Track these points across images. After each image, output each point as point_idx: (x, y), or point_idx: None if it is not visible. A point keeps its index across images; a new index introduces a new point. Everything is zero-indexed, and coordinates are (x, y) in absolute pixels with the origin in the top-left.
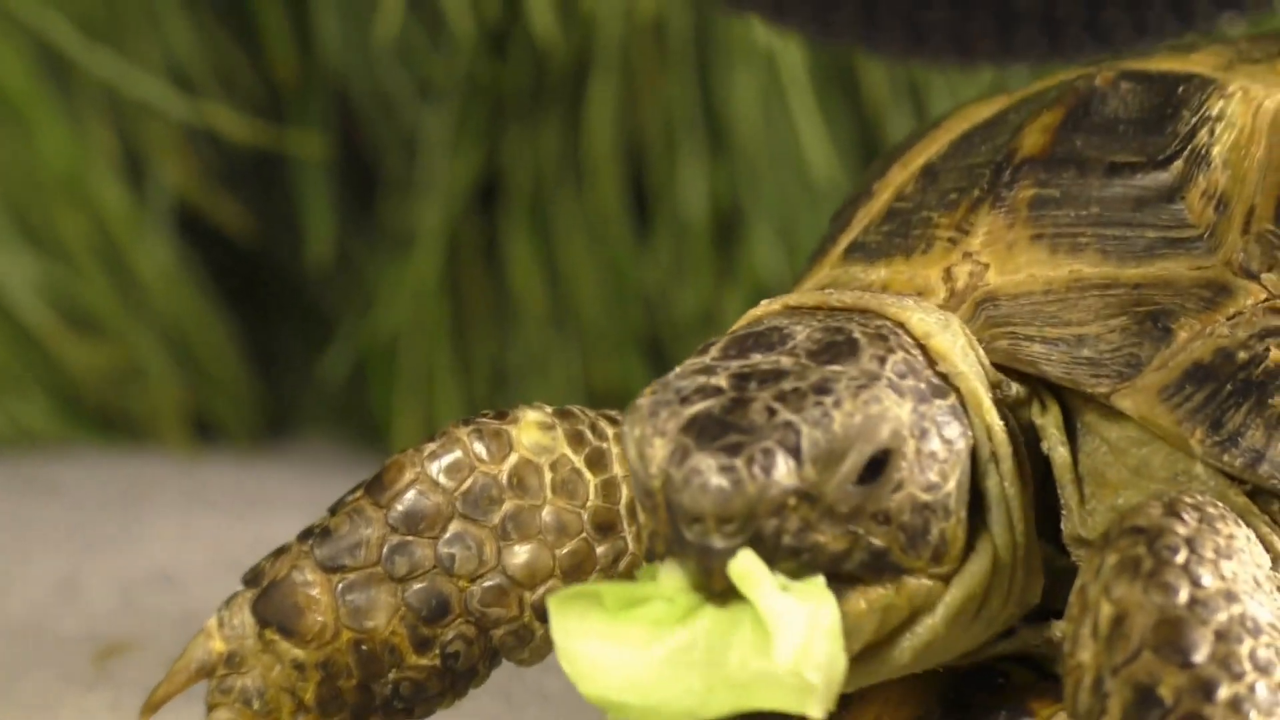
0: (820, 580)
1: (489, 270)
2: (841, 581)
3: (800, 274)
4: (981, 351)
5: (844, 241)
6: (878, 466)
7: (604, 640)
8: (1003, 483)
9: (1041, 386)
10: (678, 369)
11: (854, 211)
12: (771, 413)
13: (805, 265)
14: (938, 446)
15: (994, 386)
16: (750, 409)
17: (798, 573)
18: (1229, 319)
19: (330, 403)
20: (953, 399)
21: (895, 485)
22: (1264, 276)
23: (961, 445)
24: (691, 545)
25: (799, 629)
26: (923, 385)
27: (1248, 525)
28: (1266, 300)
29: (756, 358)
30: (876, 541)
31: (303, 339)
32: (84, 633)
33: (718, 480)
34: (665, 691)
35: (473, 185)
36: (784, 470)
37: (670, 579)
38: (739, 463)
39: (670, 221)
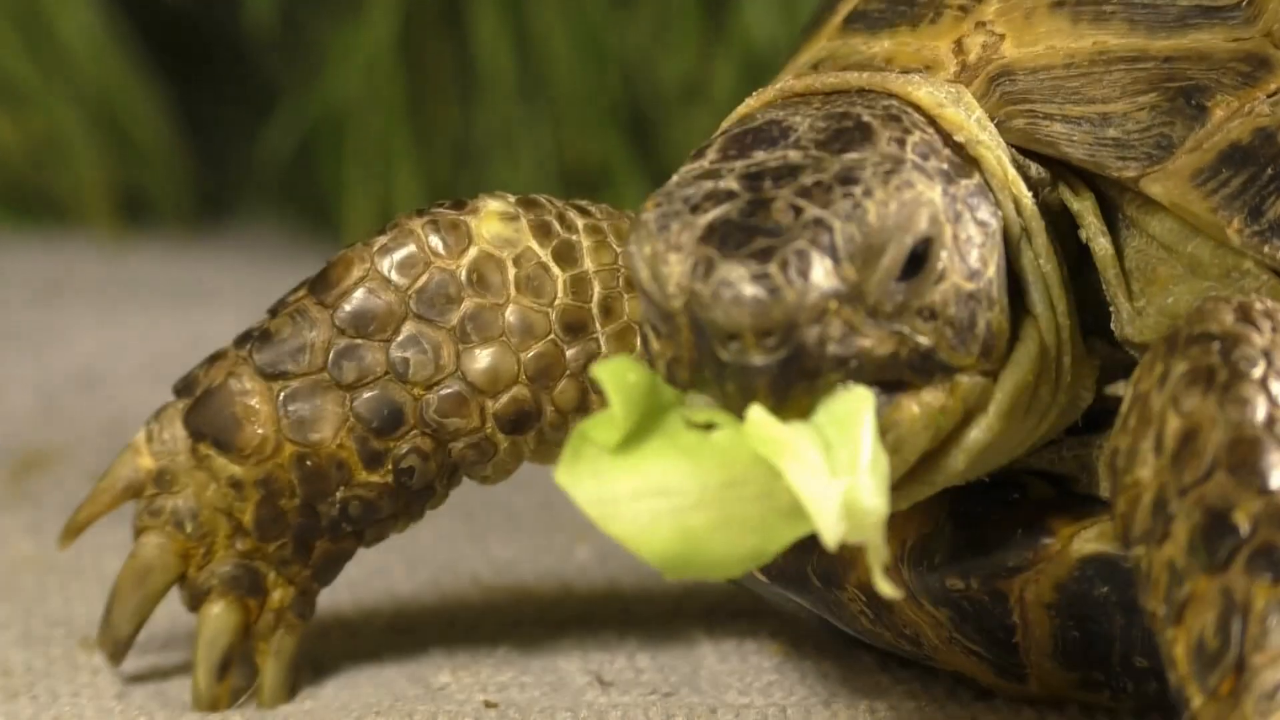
0: (861, 391)
1: (451, 35)
2: (890, 388)
3: (794, 47)
4: (995, 130)
5: (843, 10)
6: (919, 258)
7: (644, 488)
8: (1038, 259)
9: (1071, 174)
10: (675, 177)
11: None
12: (797, 210)
13: (799, 37)
14: (974, 230)
15: (1017, 164)
16: (773, 209)
17: (843, 382)
18: (1269, 96)
19: (273, 182)
20: (977, 177)
21: (938, 276)
22: None
23: (994, 225)
24: (729, 366)
25: (834, 508)
26: (945, 165)
27: None
28: None
29: (760, 155)
30: (923, 340)
31: (243, 112)
32: (1, 441)
33: (752, 290)
34: (724, 536)
35: None
36: (822, 272)
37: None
38: (772, 268)
39: None
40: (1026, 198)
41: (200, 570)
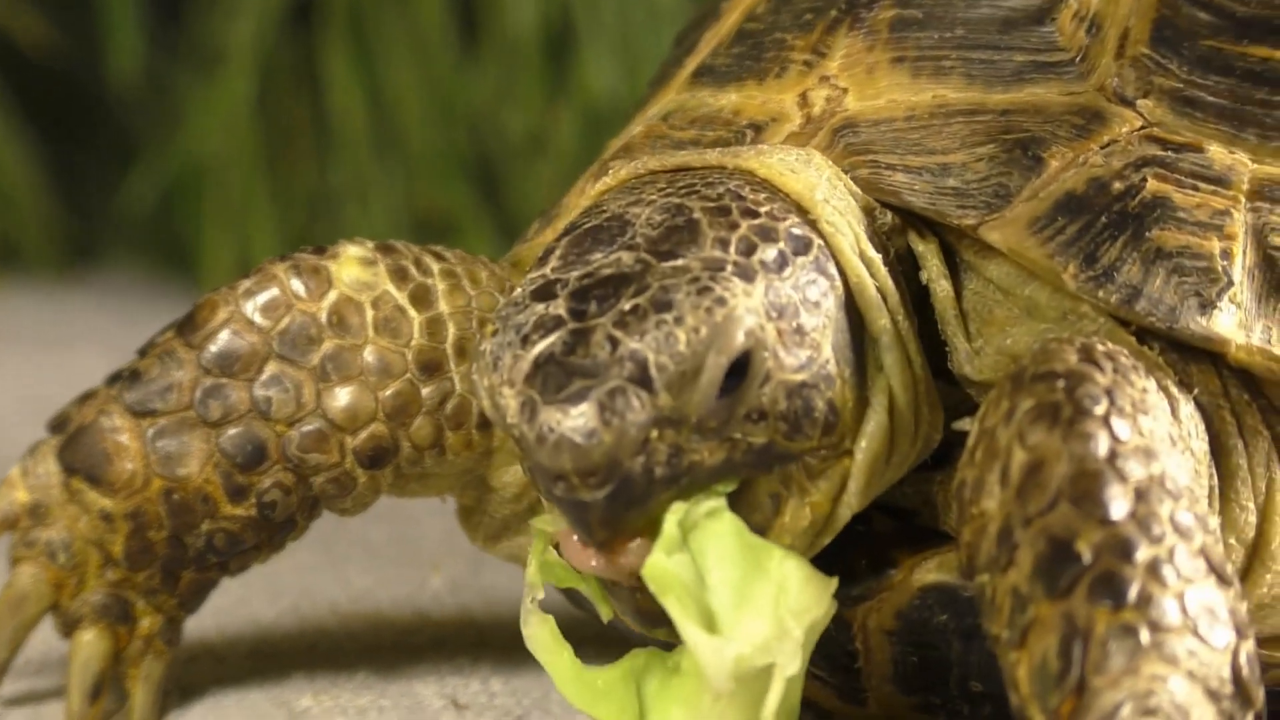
0: (727, 517)
1: (306, 91)
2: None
3: (642, 99)
4: (849, 180)
5: (691, 65)
6: (739, 368)
7: None
8: (895, 317)
9: (916, 220)
10: (518, 289)
11: (700, 33)
12: (614, 344)
13: (647, 91)
14: (805, 317)
15: (868, 214)
16: (591, 342)
17: (681, 496)
18: (1103, 148)
19: (137, 231)
20: (816, 249)
21: (763, 379)
22: (1139, 103)
23: (831, 301)
24: (563, 502)
25: (726, 671)
26: (775, 252)
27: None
28: (1143, 128)
29: (597, 258)
30: (757, 440)
31: (108, 163)
32: None
33: (570, 435)
34: None
35: None
36: (637, 406)
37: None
38: (589, 410)
39: (498, 38)
40: (877, 259)
41: (73, 599)
